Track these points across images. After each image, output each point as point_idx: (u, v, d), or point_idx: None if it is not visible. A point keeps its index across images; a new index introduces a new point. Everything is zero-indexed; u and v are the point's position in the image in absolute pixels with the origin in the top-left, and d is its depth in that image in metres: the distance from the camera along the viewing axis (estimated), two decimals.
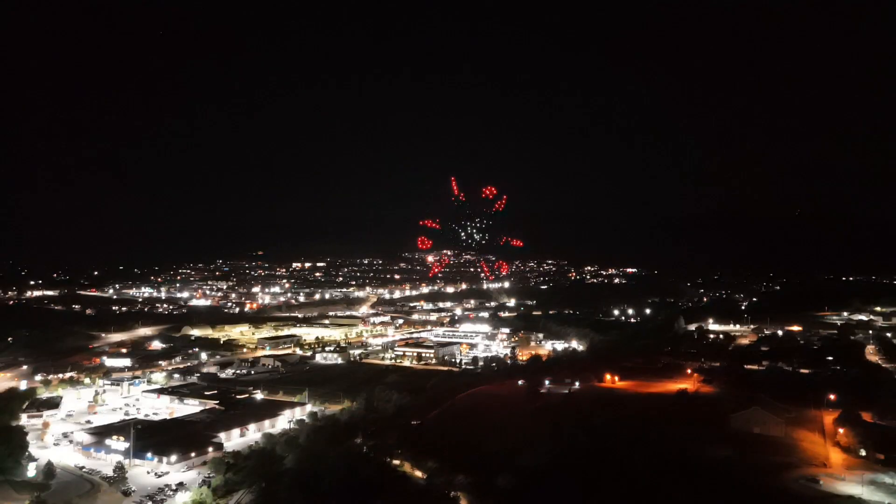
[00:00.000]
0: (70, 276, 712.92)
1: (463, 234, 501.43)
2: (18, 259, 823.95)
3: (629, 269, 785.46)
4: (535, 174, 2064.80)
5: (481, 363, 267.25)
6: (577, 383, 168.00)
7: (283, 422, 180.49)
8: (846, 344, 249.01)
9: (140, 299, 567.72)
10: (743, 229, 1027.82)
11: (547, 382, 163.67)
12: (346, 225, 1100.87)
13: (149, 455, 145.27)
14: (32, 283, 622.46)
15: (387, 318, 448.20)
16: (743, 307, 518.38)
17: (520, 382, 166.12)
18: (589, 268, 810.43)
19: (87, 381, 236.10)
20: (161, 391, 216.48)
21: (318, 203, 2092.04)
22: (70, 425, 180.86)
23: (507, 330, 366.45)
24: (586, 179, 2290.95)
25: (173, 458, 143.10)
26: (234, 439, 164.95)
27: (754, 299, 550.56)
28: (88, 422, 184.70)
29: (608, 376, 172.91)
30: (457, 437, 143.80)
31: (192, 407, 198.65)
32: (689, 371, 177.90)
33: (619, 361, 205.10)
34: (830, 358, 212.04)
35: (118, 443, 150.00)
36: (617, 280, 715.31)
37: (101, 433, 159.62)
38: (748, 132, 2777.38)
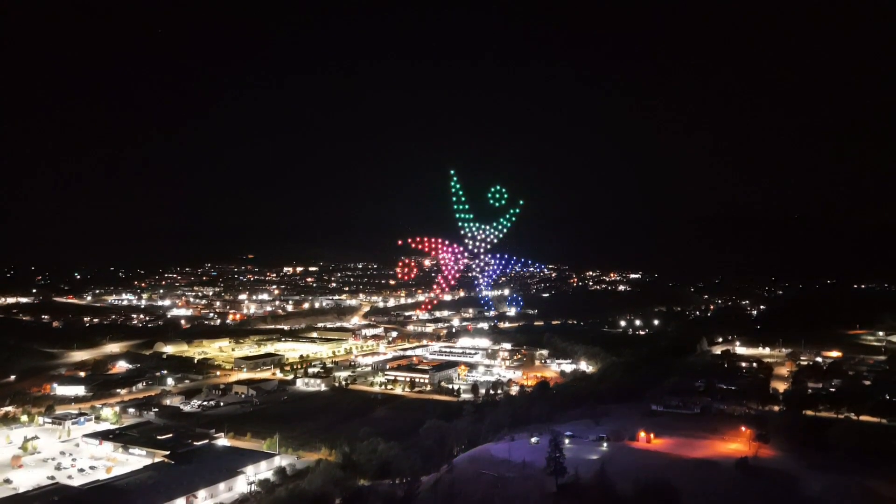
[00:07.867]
0: (51, 281, 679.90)
1: (466, 234, 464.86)
2: (8, 261, 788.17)
3: (632, 275, 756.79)
4: (535, 176, 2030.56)
5: (482, 391, 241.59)
6: (605, 443, 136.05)
7: (242, 482, 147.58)
8: None
9: (118, 307, 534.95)
10: (741, 232, 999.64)
11: (567, 441, 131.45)
12: (341, 227, 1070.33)
13: None
14: (15, 286, 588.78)
15: (379, 330, 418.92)
16: (753, 314, 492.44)
17: (532, 440, 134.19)
18: (591, 273, 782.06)
19: (24, 418, 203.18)
20: (105, 435, 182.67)
21: (312, 204, 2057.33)
22: None
23: (508, 345, 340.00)
24: (585, 181, 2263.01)
25: None
26: None
27: (762, 307, 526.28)
28: (7, 480, 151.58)
29: (642, 433, 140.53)
30: None
31: (137, 458, 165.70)
32: (742, 428, 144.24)
33: (647, 402, 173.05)
34: None
35: None
36: (621, 287, 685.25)
37: None
38: (751, 133, 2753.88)
